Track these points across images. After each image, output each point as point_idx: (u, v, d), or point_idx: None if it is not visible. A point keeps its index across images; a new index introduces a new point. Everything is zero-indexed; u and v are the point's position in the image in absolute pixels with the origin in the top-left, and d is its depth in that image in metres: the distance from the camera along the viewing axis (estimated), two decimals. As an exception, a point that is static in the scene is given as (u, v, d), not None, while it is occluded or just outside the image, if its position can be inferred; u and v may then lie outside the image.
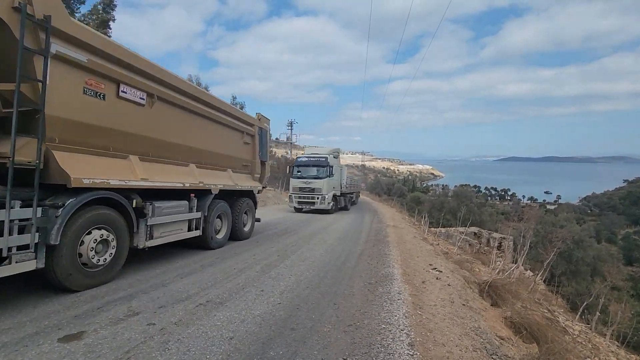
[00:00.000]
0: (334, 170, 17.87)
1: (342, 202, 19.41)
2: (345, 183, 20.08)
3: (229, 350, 2.85)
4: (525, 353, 3.76)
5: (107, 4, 20.66)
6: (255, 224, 9.02)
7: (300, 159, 18.50)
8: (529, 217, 14.73)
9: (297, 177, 17.53)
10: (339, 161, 19.77)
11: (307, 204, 17.09)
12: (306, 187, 17.06)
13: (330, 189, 17.34)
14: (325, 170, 17.22)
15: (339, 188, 18.85)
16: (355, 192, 27.12)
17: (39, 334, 2.99)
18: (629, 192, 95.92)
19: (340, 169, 19.55)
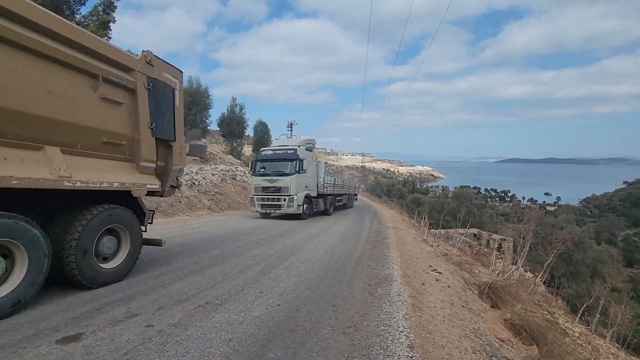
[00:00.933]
0: (306, 165, 14.45)
1: (320, 204, 16.18)
2: (323, 182, 16.55)
3: (227, 352, 2.84)
4: (525, 355, 3.75)
5: (107, 5, 20.71)
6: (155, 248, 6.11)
7: (263, 153, 15.24)
8: (528, 219, 14.72)
9: (260, 175, 14.44)
10: (313, 155, 16.24)
11: (271, 207, 14.11)
12: (270, 187, 14.01)
13: (301, 188, 14.27)
14: (293, 165, 13.91)
15: (314, 187, 15.71)
16: (348, 195, 23.66)
17: (37, 335, 2.98)
18: (628, 193, 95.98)
19: (316, 164, 16.30)
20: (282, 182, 13.81)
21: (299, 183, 14.04)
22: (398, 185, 78.09)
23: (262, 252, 7.11)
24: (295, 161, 13.91)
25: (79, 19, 19.62)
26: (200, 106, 31.12)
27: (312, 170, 15.50)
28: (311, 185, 15.32)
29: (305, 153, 14.89)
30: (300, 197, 14.00)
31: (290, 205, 13.66)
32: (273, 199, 13.95)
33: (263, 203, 14.14)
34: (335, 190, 19.36)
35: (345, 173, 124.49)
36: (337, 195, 19.58)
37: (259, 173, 14.52)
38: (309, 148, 15.61)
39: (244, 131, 34.74)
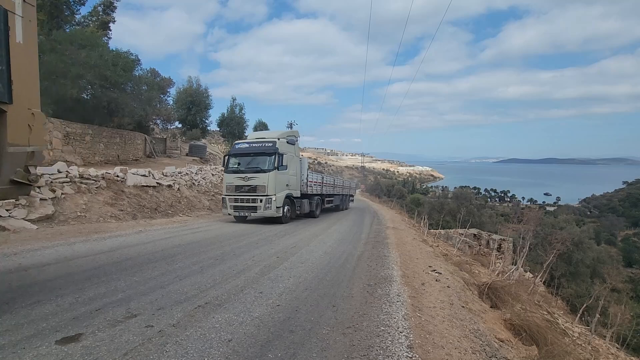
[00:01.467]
0: (287, 161, 12.63)
1: (304, 206, 14.40)
2: (306, 179, 14.59)
3: (227, 352, 2.84)
4: (525, 355, 3.75)
5: (107, 5, 20.73)
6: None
7: (237, 146, 13.33)
8: (528, 219, 14.71)
9: (233, 172, 12.58)
10: (296, 149, 14.36)
11: (246, 210, 12.17)
12: (244, 185, 12.17)
13: (281, 186, 12.49)
14: (272, 160, 12.08)
15: (296, 186, 13.91)
16: (341, 195, 21.44)
17: (37, 335, 2.98)
18: (628, 193, 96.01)
19: (299, 160, 14.48)
20: (258, 180, 11.97)
21: (279, 181, 12.30)
22: (398, 185, 78.08)
23: (262, 252, 7.11)
24: (274, 155, 12.09)
25: (79, 19, 19.64)
26: (200, 106, 31.13)
27: (294, 166, 13.71)
28: (293, 184, 13.56)
29: (286, 146, 13.10)
30: (280, 198, 12.26)
31: (267, 207, 11.82)
32: (248, 199, 12.10)
33: (236, 204, 12.27)
34: (324, 190, 17.52)
35: (345, 173, 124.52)
36: (326, 196, 17.89)
37: (232, 169, 12.65)
38: (290, 141, 13.70)
39: (244, 131, 34.75)
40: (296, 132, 15.30)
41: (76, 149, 16.64)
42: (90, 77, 16.03)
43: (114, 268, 5.32)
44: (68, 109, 16.84)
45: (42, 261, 5.58)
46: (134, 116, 21.54)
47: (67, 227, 8.91)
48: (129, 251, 6.64)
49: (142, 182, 13.44)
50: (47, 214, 9.03)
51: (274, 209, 11.93)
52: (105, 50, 17.69)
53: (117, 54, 18.54)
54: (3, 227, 7.88)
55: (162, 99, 30.60)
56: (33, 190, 9.17)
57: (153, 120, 30.43)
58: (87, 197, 10.67)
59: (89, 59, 15.65)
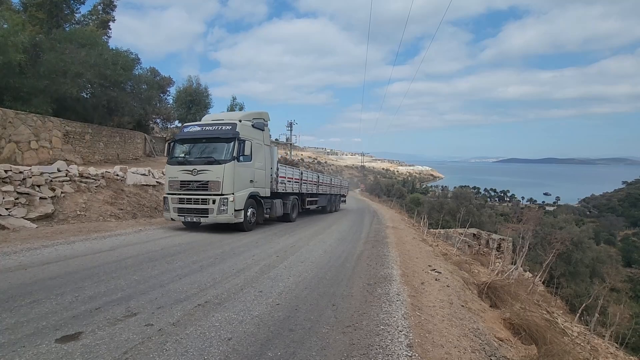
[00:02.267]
0: (252, 149, 9.76)
1: (276, 207, 11.54)
2: (276, 174, 11.73)
3: (227, 351, 2.85)
4: (524, 354, 3.75)
5: (107, 4, 20.70)
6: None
7: (186, 130, 10.31)
8: (528, 219, 14.73)
9: (178, 163, 9.64)
10: (266, 136, 11.46)
11: (194, 214, 9.27)
12: (193, 181, 9.25)
13: (243, 183, 9.66)
14: (229, 147, 9.26)
15: (265, 183, 11.05)
16: (328, 195, 18.62)
17: (37, 334, 2.98)
18: (628, 193, 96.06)
19: (269, 148, 11.63)
20: (210, 174, 9.08)
21: (240, 176, 9.45)
22: (398, 185, 78.08)
23: (262, 251, 7.11)
24: (233, 142, 9.23)
25: (79, 18, 19.61)
26: (200, 105, 31.12)
27: (262, 157, 10.82)
28: (261, 180, 10.73)
29: (251, 131, 10.28)
30: (241, 198, 9.42)
31: (222, 209, 8.92)
32: (197, 200, 9.16)
33: (181, 206, 9.30)
34: (304, 189, 14.69)
35: (345, 173, 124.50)
36: (307, 195, 15.15)
37: (177, 160, 9.70)
38: (257, 125, 10.82)
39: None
40: (265, 114, 12.05)
41: (76, 147, 16.62)
42: (90, 76, 16.01)
43: (113, 267, 5.33)
44: (68, 107, 16.82)
45: (42, 260, 5.58)
46: (134, 115, 21.52)
47: (67, 225, 8.91)
48: (129, 250, 6.64)
49: (142, 181, 13.44)
50: (46, 212, 9.03)
51: (231, 213, 9.04)
52: (105, 49, 17.68)
53: (117, 53, 18.53)
54: (3, 225, 7.87)
55: (161, 98, 30.57)
56: (32, 189, 9.17)
57: (153, 119, 30.42)
58: (87, 196, 10.67)
59: (89, 57, 15.64)
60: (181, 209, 9.41)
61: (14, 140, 13.25)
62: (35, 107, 14.33)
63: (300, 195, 14.41)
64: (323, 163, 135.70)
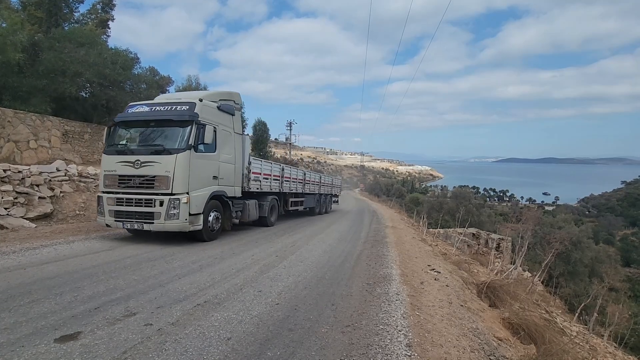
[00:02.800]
0: (213, 136, 7.79)
1: (250, 210, 9.68)
2: (248, 170, 9.68)
3: (226, 350, 2.84)
4: (523, 354, 3.76)
5: (106, 3, 20.65)
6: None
7: (130, 110, 8.16)
8: (527, 218, 14.74)
9: (117, 152, 7.65)
10: (236, 123, 9.32)
11: (135, 218, 7.22)
12: (134, 176, 7.29)
13: (202, 179, 7.68)
14: (184, 133, 7.37)
15: (235, 180, 9.04)
16: (317, 195, 16.78)
17: (36, 334, 2.97)
18: (627, 193, 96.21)
19: (241, 138, 9.54)
20: (157, 168, 7.08)
21: (198, 170, 7.47)
22: (397, 184, 78.13)
23: (261, 251, 7.11)
24: (190, 127, 7.30)
25: (78, 17, 19.57)
26: (199, 105, 31.06)
27: (230, 148, 8.83)
28: (229, 176, 8.70)
29: (215, 115, 8.20)
30: (200, 199, 7.44)
31: (173, 214, 6.94)
32: (139, 201, 7.13)
33: (119, 209, 7.26)
34: (286, 187, 12.81)
35: (345, 172, 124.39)
36: (290, 195, 13.44)
37: (116, 148, 7.69)
38: (225, 108, 8.69)
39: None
40: (237, 95, 9.80)
41: (75, 147, 16.59)
42: (89, 75, 15.97)
43: (113, 266, 5.32)
44: (67, 107, 16.79)
45: (41, 259, 5.57)
46: (133, 115, 21.42)
47: (66, 225, 8.90)
48: (128, 249, 6.63)
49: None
50: (45, 212, 9.02)
51: (184, 218, 7.01)
52: (104, 49, 17.64)
53: (116, 52, 18.49)
54: (1, 225, 7.86)
55: (161, 97, 30.51)
56: (31, 189, 9.15)
57: (152, 118, 30.34)
58: (86, 196, 10.66)
59: (88, 57, 15.60)
60: (119, 213, 7.27)
61: (13, 140, 13.22)
62: (34, 107, 14.28)
63: (282, 195, 12.73)
64: (323, 163, 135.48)
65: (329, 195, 19.42)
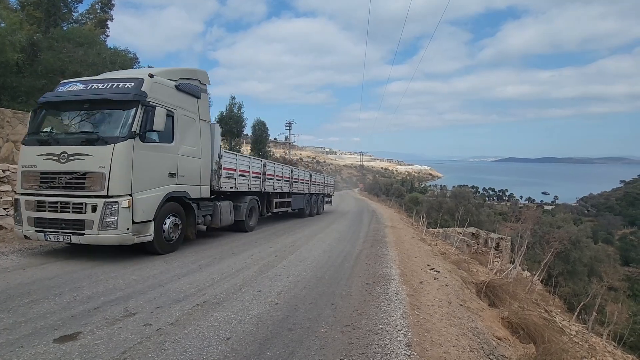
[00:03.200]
0: (169, 122, 6.45)
1: (223, 213, 8.28)
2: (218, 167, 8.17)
3: (225, 350, 2.84)
4: (522, 353, 3.76)
5: (104, 3, 20.62)
6: None
7: (60, 89, 6.54)
8: (526, 218, 14.74)
9: (40, 142, 5.96)
10: (202, 107, 7.67)
11: (60, 228, 5.58)
12: (59, 173, 5.64)
13: (155, 177, 6.18)
14: (127, 117, 5.77)
15: (200, 177, 7.51)
16: (306, 195, 15.52)
17: (35, 334, 2.97)
18: (626, 192, 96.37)
19: (208, 127, 7.93)
20: (89, 162, 5.57)
21: (146, 165, 5.94)
22: (396, 184, 78.21)
23: (261, 250, 7.11)
24: (135, 109, 5.77)
25: (77, 17, 19.54)
26: (198, 105, 31.02)
27: (194, 138, 7.26)
28: (192, 173, 7.14)
29: (171, 96, 6.67)
30: (149, 202, 5.92)
31: (110, 222, 5.44)
32: (65, 205, 5.59)
33: (40, 216, 5.73)
34: (270, 186, 11.40)
35: (344, 172, 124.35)
36: (276, 195, 12.21)
37: (37, 138, 6.07)
38: (186, 88, 7.10)
39: (243, 130, 34.63)
40: (203, 73, 8.06)
41: (74, 147, 16.57)
42: (87, 75, 15.97)
43: (112, 266, 5.31)
44: (66, 107, 16.80)
45: (40, 260, 5.56)
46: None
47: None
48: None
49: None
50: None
51: (125, 228, 5.49)
52: (103, 49, 17.62)
53: (115, 52, 18.47)
54: (1, 225, 7.85)
55: (160, 97, 30.44)
56: None
57: (151, 118, 30.31)
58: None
59: (87, 57, 15.58)
60: (40, 221, 5.67)
61: (12, 140, 13.21)
62: (33, 107, 14.29)
63: (265, 195, 11.39)
64: (322, 162, 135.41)
65: (321, 195, 18.13)
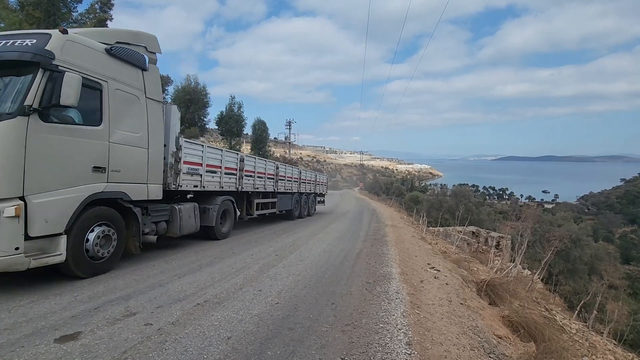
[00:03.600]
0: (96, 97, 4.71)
1: (184, 219, 6.68)
2: (174, 160, 6.50)
3: (226, 350, 2.85)
4: (523, 352, 3.77)
5: (104, 3, 20.58)
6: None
7: None
8: (526, 216, 14.74)
9: None
10: (151, 81, 5.77)
11: None
12: None
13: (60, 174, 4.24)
14: (12, 85, 4.06)
15: (147, 173, 5.66)
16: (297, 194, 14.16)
17: (36, 334, 2.97)
18: (626, 191, 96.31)
19: (161, 109, 6.09)
20: None
21: (52, 154, 4.21)
22: (397, 183, 78.20)
23: (261, 250, 7.11)
24: (33, 75, 4.01)
25: (76, 17, 19.51)
26: (198, 104, 31.00)
27: (137, 121, 5.52)
28: (133, 167, 5.46)
29: (98, 61, 4.85)
30: (55, 208, 4.16)
31: None
32: None
33: None
34: (250, 185, 9.79)
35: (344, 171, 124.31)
36: (258, 195, 10.50)
37: None
38: (122, 53, 5.28)
39: (243, 129, 34.66)
40: (152, 38, 6.09)
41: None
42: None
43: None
44: (65, 107, 16.76)
45: (41, 260, 5.55)
46: (132, 114, 21.38)
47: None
48: None
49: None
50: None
51: (10, 247, 3.73)
52: (102, 48, 17.58)
53: (115, 52, 18.46)
54: (1, 226, 7.84)
55: (160, 97, 30.40)
56: None
57: (151, 118, 30.26)
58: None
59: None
60: None
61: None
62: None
63: (245, 195, 9.82)
64: (322, 162, 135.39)
65: (312, 194, 16.49)
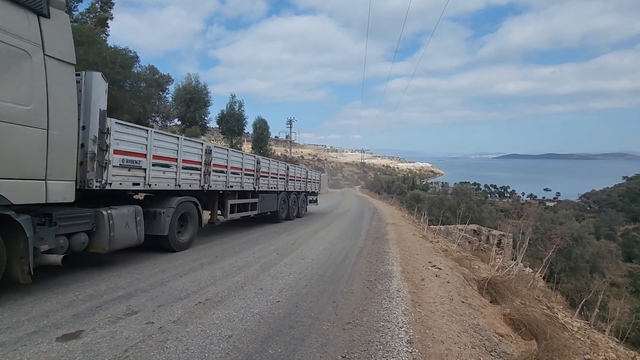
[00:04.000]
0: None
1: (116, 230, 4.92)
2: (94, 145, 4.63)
3: (227, 348, 2.85)
4: (524, 350, 3.76)
5: (105, 2, 20.58)
6: None
7: None
8: (528, 214, 14.70)
9: None
10: (47, 31, 3.98)
11: None
12: None
13: None
14: None
15: (41, 163, 3.91)
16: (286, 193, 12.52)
17: (38, 332, 2.99)
18: (628, 188, 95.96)
19: (71, 73, 4.37)
20: None
21: None
22: (398, 181, 78.18)
23: (262, 249, 7.12)
24: None
25: (77, 16, 19.52)
26: (199, 103, 30.99)
27: (24, 87, 3.77)
28: (10, 155, 3.63)
29: None
30: None
31: None
32: None
33: None
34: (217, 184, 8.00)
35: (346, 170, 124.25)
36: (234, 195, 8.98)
37: None
38: None
39: (243, 128, 34.63)
40: None
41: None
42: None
43: (114, 264, 5.33)
44: (66, 106, 16.79)
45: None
46: (133, 114, 21.41)
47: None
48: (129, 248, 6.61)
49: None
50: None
51: None
52: (103, 48, 17.60)
53: (116, 51, 18.45)
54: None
55: (161, 96, 30.44)
56: None
57: (152, 117, 30.30)
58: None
59: (87, 56, 15.55)
60: None
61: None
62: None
63: (216, 195, 8.40)
64: (323, 160, 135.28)
65: (302, 193, 14.59)
